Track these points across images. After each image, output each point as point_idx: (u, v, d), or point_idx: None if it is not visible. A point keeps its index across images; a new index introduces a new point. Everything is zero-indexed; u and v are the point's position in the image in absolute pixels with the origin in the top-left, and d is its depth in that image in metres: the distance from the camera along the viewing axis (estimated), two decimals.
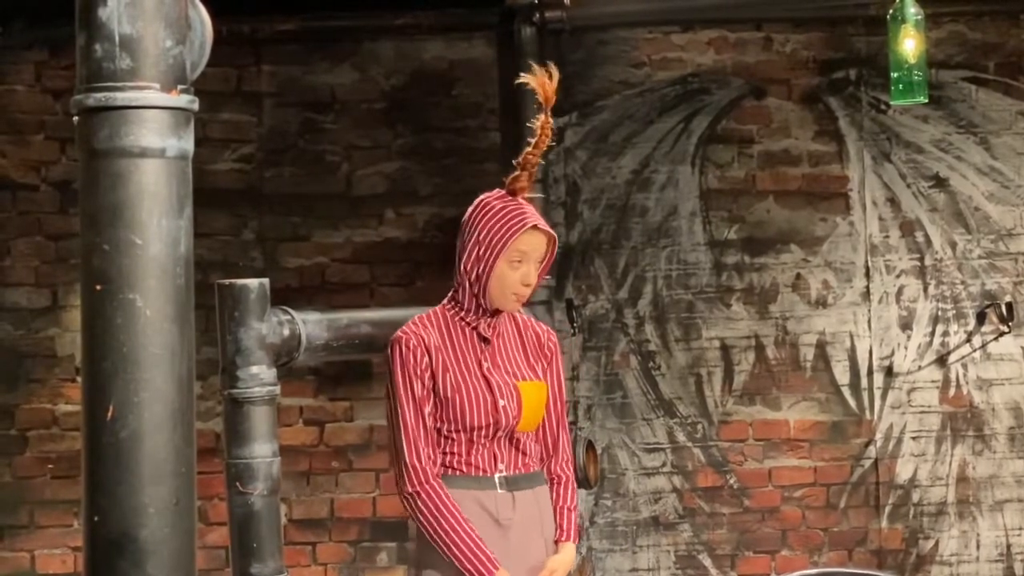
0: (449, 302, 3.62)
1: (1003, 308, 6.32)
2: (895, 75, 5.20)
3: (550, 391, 3.68)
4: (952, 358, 6.39)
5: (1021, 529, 6.37)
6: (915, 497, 6.37)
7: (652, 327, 6.37)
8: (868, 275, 6.40)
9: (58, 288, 6.23)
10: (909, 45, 5.17)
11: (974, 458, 6.38)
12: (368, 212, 6.34)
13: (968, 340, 6.39)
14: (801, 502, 6.35)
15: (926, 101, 5.43)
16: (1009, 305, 6.33)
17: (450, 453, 3.55)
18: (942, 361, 6.39)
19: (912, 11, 5.17)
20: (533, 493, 3.62)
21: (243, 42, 6.18)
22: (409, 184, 6.35)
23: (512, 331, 3.67)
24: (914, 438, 6.38)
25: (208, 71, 2.46)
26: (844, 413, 6.38)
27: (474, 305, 3.57)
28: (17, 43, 6.13)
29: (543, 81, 3.54)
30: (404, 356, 3.52)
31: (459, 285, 3.58)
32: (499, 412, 3.54)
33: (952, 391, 6.39)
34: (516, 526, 3.57)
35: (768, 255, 6.40)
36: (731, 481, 6.34)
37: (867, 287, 6.40)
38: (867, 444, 6.37)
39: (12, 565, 6.16)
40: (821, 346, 6.39)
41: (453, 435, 3.54)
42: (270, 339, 3.69)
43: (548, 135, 3.55)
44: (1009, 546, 6.37)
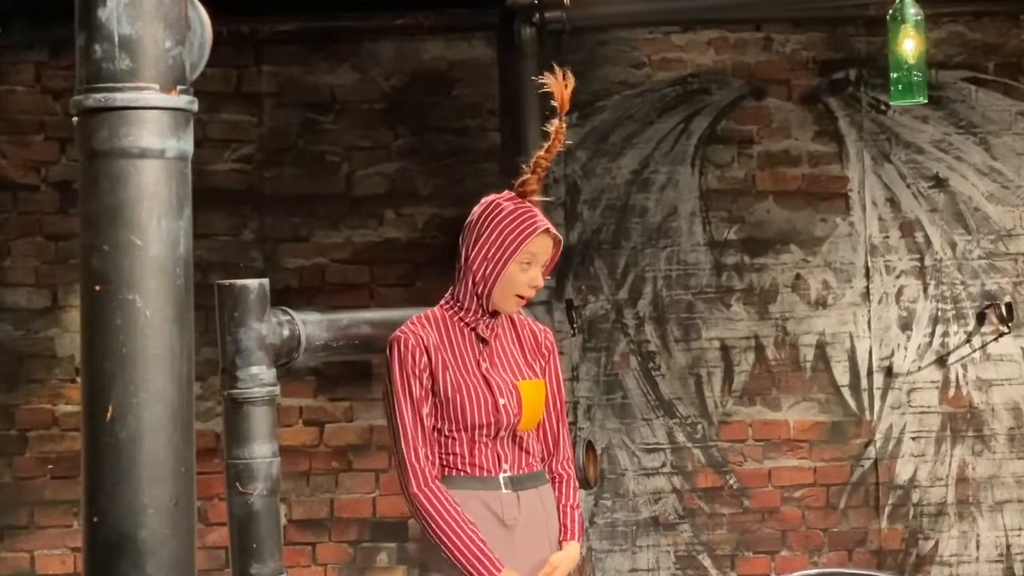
0: (447, 302, 3.62)
1: (1003, 308, 6.32)
2: (895, 75, 5.20)
3: (549, 389, 3.68)
4: (952, 358, 6.39)
5: (1021, 529, 6.37)
6: (915, 497, 6.37)
7: (652, 327, 6.37)
8: (868, 275, 6.40)
9: (58, 288, 6.23)
10: (909, 45, 5.16)
11: (974, 458, 6.38)
12: (368, 212, 6.34)
13: (968, 340, 6.38)
14: (801, 502, 6.35)
15: (926, 101, 5.43)
16: (1009, 305, 6.33)
17: (453, 454, 3.54)
18: (942, 361, 6.39)
19: (912, 11, 5.17)
20: (537, 492, 3.62)
21: (243, 42, 6.17)
22: (409, 184, 6.35)
23: (509, 331, 3.67)
24: (914, 438, 6.38)
25: (208, 71, 2.46)
26: (844, 413, 6.38)
27: (475, 305, 3.57)
28: (17, 43, 6.12)
29: (560, 86, 3.56)
30: (403, 356, 3.51)
31: (460, 284, 3.58)
32: (499, 411, 3.54)
33: (952, 391, 6.39)
34: (521, 526, 3.57)
35: (768, 255, 6.40)
36: (731, 481, 6.34)
37: (867, 287, 6.40)
38: (867, 444, 6.37)
39: (12, 565, 6.15)
40: (821, 346, 6.38)
41: (455, 435, 3.54)
42: (270, 339, 3.69)
43: (562, 139, 3.57)
44: (1009, 546, 6.37)
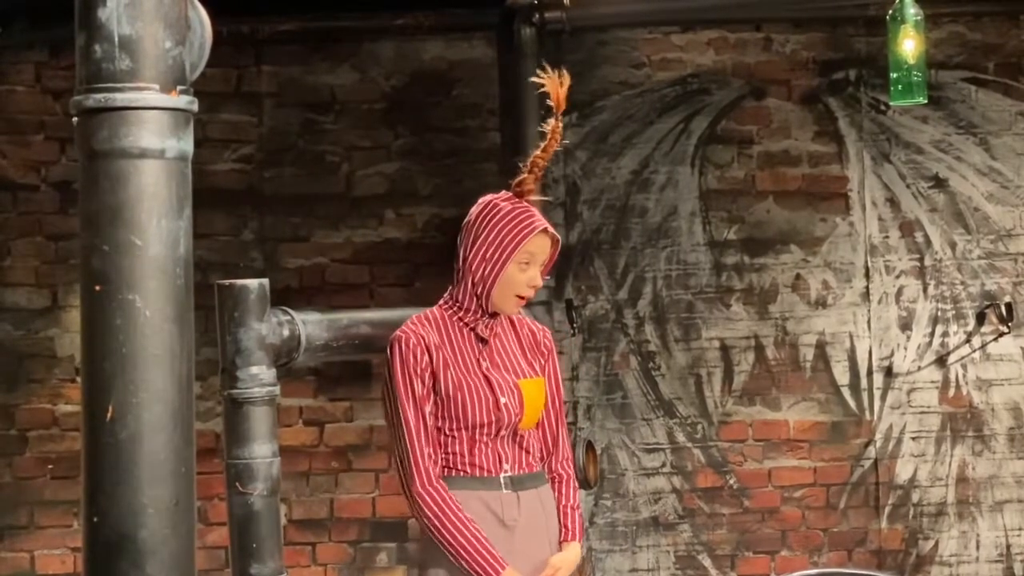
0: (446, 302, 3.61)
1: (1002, 308, 6.32)
2: (894, 76, 5.20)
3: (548, 389, 3.67)
4: (952, 358, 6.39)
5: (1021, 529, 6.37)
6: (915, 497, 6.37)
7: (652, 327, 6.37)
8: (868, 275, 6.40)
9: (58, 288, 6.23)
10: (909, 46, 5.16)
11: (974, 458, 6.38)
12: (368, 212, 6.34)
13: (968, 340, 6.38)
14: (801, 502, 6.35)
15: (925, 102, 5.43)
16: (1008, 305, 6.33)
17: (453, 453, 3.53)
18: (942, 362, 6.39)
19: (912, 12, 5.17)
20: (537, 493, 3.62)
21: (243, 42, 6.17)
22: (409, 184, 6.35)
23: (508, 330, 3.66)
24: (914, 438, 6.38)
25: (208, 71, 2.46)
26: (844, 413, 6.38)
27: (474, 305, 3.56)
28: (17, 43, 6.12)
29: (556, 85, 3.56)
30: (404, 355, 3.51)
31: (460, 285, 3.57)
32: (501, 410, 3.53)
33: (952, 391, 6.39)
34: (521, 527, 3.56)
35: (768, 255, 6.40)
36: (731, 481, 6.34)
37: (867, 287, 6.40)
38: (867, 444, 6.37)
39: (12, 565, 6.15)
40: (821, 346, 6.38)
41: (456, 434, 3.53)
42: (270, 339, 3.69)
43: (558, 139, 3.58)
44: (1009, 546, 6.37)
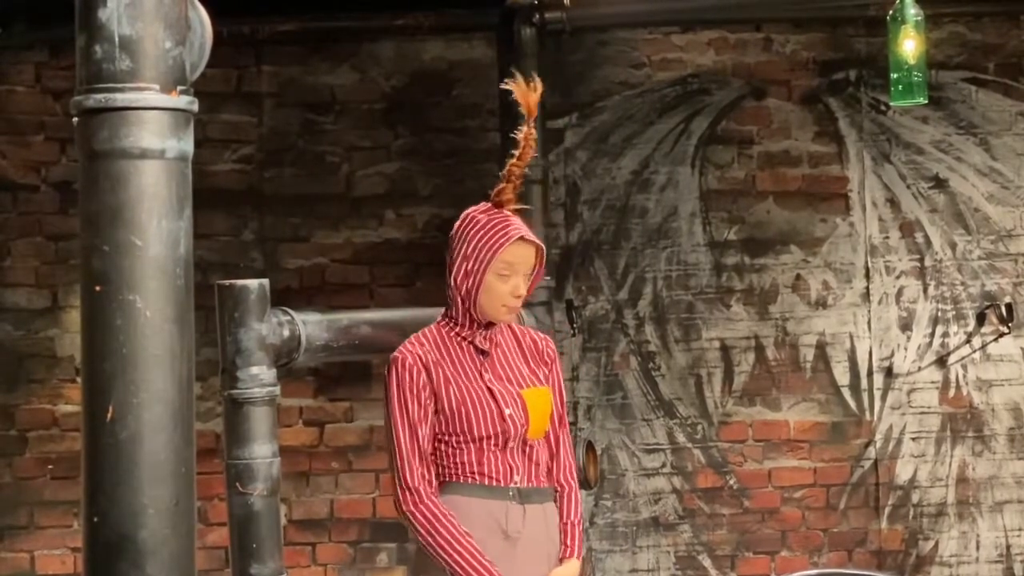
0: (444, 319, 3.62)
1: (1003, 309, 6.32)
2: (895, 76, 5.20)
3: (552, 398, 3.67)
4: (952, 359, 6.39)
5: (1021, 530, 6.37)
6: (915, 498, 6.37)
7: (652, 328, 6.37)
8: (868, 276, 6.40)
9: (58, 289, 6.23)
10: (909, 46, 5.17)
11: (974, 459, 6.38)
12: (368, 213, 6.34)
13: (968, 341, 6.38)
14: (801, 503, 6.35)
15: (926, 102, 5.43)
16: (1009, 306, 6.32)
17: (462, 463, 3.53)
18: (942, 362, 6.39)
19: (912, 12, 5.17)
20: (543, 509, 3.61)
21: (243, 43, 6.17)
22: (409, 185, 6.35)
23: (510, 340, 3.66)
24: (914, 439, 6.38)
25: (208, 72, 2.46)
26: (844, 414, 6.38)
27: (467, 319, 3.57)
28: (17, 43, 6.12)
29: (526, 91, 3.54)
30: (400, 375, 3.51)
31: (451, 300, 3.58)
32: (506, 421, 3.53)
33: (952, 392, 6.39)
34: (524, 540, 3.55)
35: (768, 256, 6.40)
36: (731, 482, 6.34)
37: (867, 288, 6.40)
38: (867, 445, 6.37)
39: (12, 565, 6.15)
40: (821, 347, 6.38)
41: (464, 446, 3.53)
42: (270, 340, 3.69)
43: (532, 146, 3.54)
44: (1009, 547, 6.36)
